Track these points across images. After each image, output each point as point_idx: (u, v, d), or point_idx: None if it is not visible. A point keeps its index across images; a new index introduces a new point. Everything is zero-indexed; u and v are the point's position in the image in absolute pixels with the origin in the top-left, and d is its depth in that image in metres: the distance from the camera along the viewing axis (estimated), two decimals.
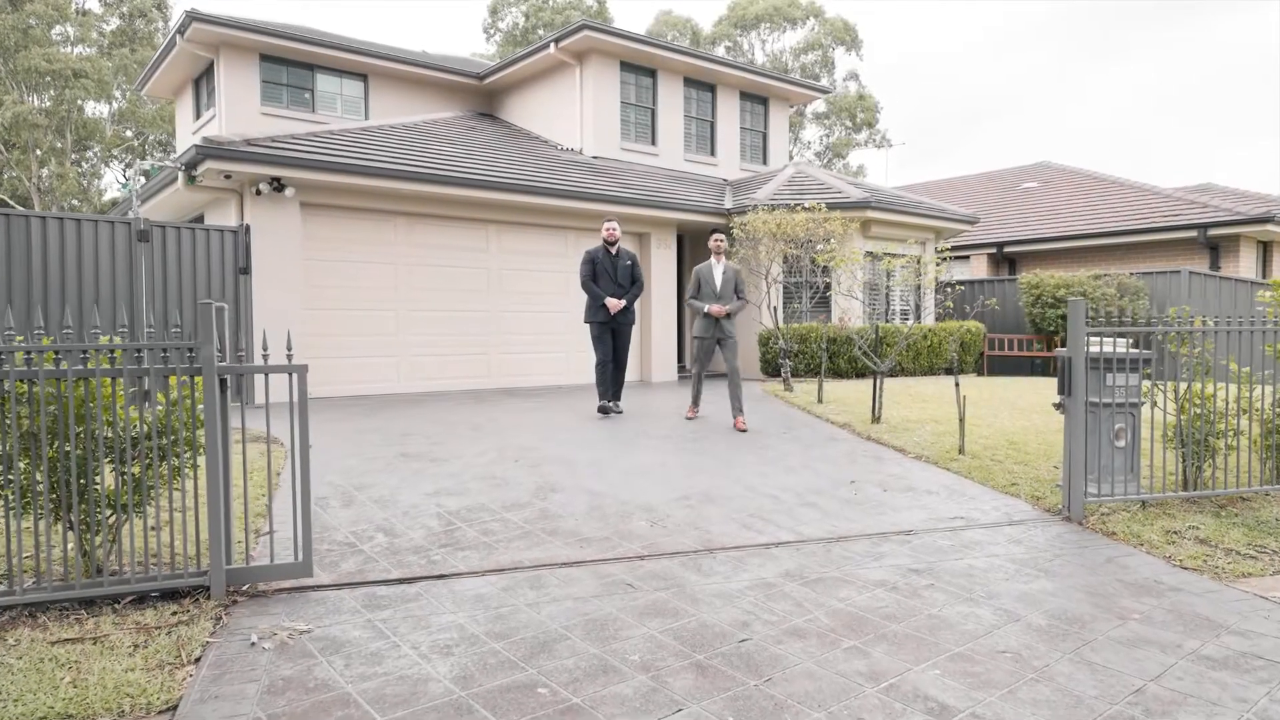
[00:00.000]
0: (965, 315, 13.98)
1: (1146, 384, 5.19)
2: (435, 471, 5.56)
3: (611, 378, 7.95)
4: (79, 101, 25.00)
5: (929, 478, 5.66)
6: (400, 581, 3.67)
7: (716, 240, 7.76)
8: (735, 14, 34.61)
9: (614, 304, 7.73)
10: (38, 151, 25.18)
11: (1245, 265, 13.65)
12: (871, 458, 6.25)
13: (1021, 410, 8.42)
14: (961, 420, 6.20)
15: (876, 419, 7.37)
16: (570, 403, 9.23)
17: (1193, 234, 13.68)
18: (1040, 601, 3.53)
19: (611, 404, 7.93)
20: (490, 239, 10.74)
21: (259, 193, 8.50)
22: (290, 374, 3.45)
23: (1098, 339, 4.94)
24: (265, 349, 3.56)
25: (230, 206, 9.13)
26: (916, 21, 60.68)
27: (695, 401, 7.91)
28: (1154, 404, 5.17)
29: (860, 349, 7.78)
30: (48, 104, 25.11)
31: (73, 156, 26.38)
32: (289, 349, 3.56)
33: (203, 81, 14.41)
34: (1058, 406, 4.92)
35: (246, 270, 8.51)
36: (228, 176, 8.31)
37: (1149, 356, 5.06)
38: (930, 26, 62.85)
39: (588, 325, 7.93)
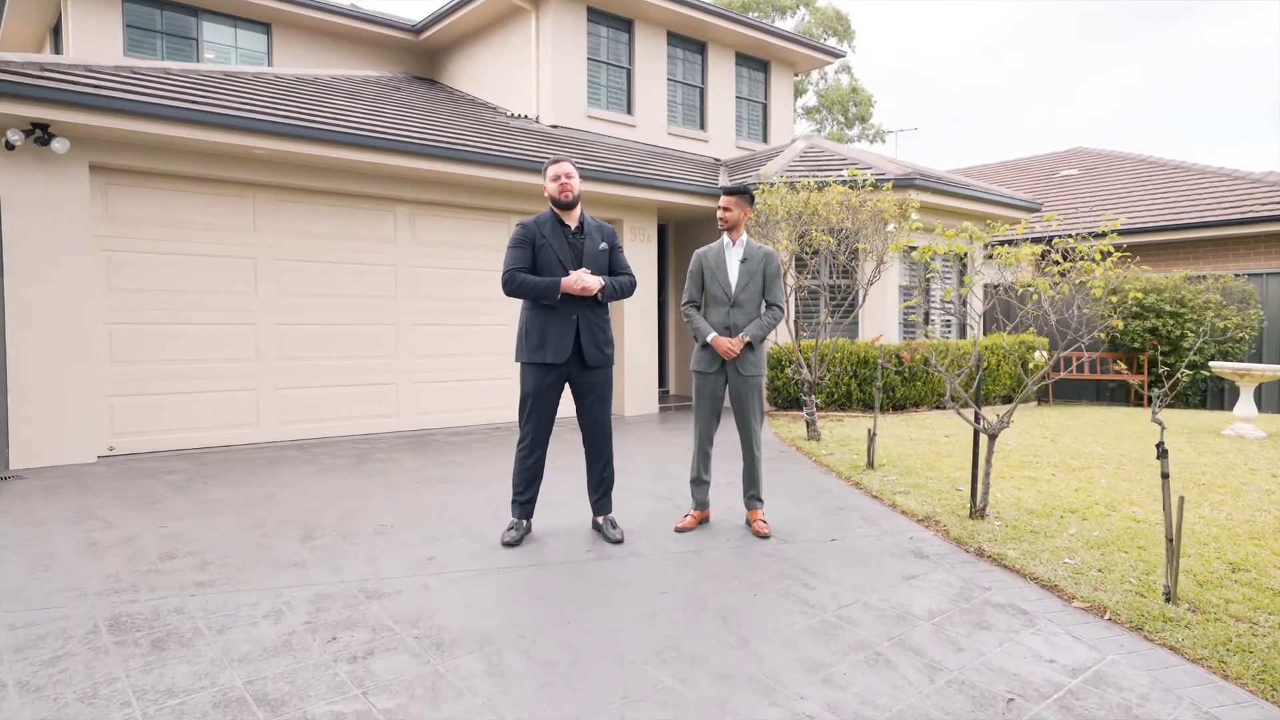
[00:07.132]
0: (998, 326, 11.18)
1: None
2: (142, 684, 2.64)
3: (591, 476, 4.27)
4: None
5: (1151, 678, 2.81)
6: None
7: (725, 208, 4.26)
8: (722, 1, 32.00)
9: (576, 282, 3.90)
10: None
11: None
12: (1008, 610, 3.40)
13: (1172, 479, 5.62)
14: (1172, 540, 3.37)
15: (979, 511, 4.53)
16: (501, 460, 6.35)
17: None
18: None
19: (603, 521, 4.24)
20: (399, 226, 7.81)
21: (10, 146, 5.53)
22: None
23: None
24: None
25: None
26: (908, 26, 58.60)
27: (698, 498, 4.47)
28: None
29: (952, 389, 4.95)
30: None
31: None
32: None
33: (61, 28, 11.40)
34: None
35: None
36: None
37: None
38: (922, 29, 60.78)
39: (521, 369, 4.10)
